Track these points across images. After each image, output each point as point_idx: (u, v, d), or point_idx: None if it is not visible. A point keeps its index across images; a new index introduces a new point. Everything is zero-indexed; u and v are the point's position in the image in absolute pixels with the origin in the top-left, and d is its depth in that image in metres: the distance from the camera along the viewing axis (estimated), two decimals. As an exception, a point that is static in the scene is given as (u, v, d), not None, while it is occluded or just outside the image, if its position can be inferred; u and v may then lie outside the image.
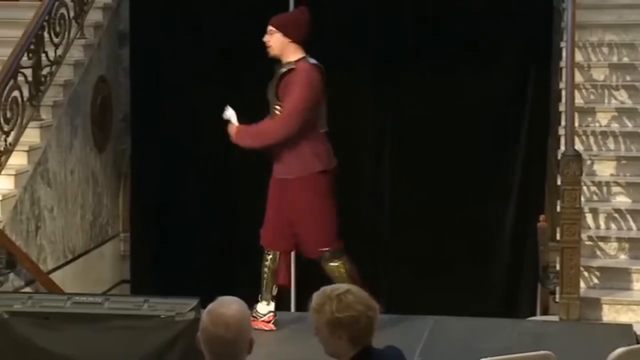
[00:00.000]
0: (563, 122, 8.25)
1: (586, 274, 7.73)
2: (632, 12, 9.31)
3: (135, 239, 9.83)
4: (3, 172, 7.89)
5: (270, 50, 6.79)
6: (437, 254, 9.29)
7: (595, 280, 7.78)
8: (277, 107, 6.74)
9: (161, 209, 9.73)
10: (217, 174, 9.62)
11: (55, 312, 4.98)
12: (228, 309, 3.25)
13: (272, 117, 6.79)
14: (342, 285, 3.63)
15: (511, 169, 9.35)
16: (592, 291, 7.68)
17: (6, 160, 7.90)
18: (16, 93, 8.07)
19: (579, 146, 8.17)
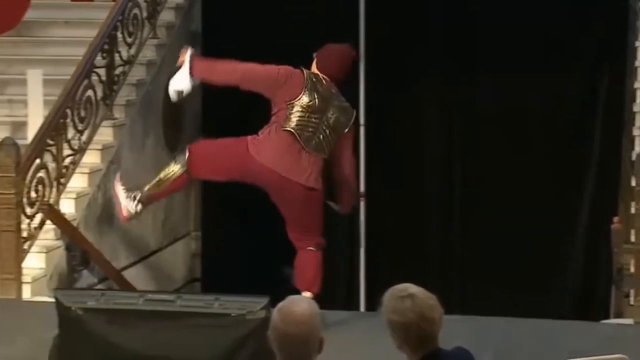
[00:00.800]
0: (638, 123, 8.16)
1: (662, 276, 7.64)
2: None
3: (206, 238, 9.92)
4: (77, 171, 8.02)
5: None
6: (510, 255, 9.25)
7: (671, 283, 7.68)
8: None
9: (232, 207, 9.80)
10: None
11: (128, 310, 5.03)
12: (298, 307, 3.28)
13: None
14: (410, 288, 3.56)
15: (585, 169, 9.27)
16: (668, 294, 7.58)
17: (80, 158, 8.03)
18: (90, 92, 8.20)
19: (654, 147, 8.08)
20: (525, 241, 9.21)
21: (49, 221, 7.69)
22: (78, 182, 8.10)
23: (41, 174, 7.60)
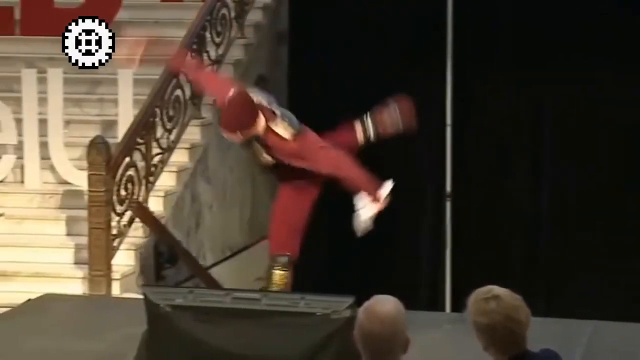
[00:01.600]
0: None
1: None
2: None
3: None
4: (165, 169, 8.11)
5: None
6: (598, 257, 9.12)
7: None
8: None
9: (318, 205, 9.81)
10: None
11: (214, 307, 5.08)
12: (384, 307, 3.29)
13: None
14: (494, 290, 3.54)
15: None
16: None
17: (168, 157, 8.12)
18: (178, 92, 8.28)
19: None
20: (612, 242, 9.07)
21: (137, 219, 7.80)
22: (166, 180, 8.20)
23: (130, 172, 7.70)
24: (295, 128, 6.30)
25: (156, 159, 8.01)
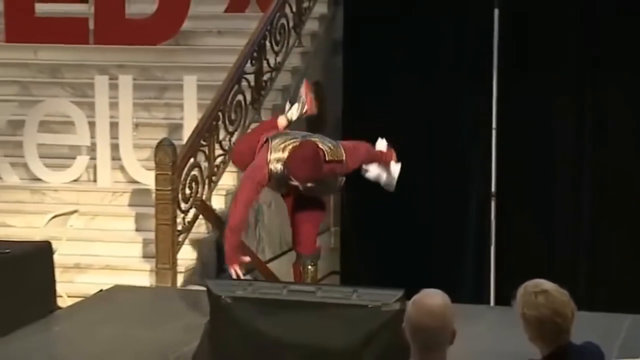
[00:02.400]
0: None
1: None
2: None
3: (344, 233, 9.95)
4: (227, 170, 8.16)
5: None
6: (637, 254, 9.01)
7: None
8: None
9: (369, 204, 9.80)
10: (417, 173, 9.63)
11: (272, 299, 5.09)
12: (432, 300, 3.27)
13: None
14: (543, 284, 3.51)
15: None
16: None
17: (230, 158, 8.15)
18: (240, 97, 8.33)
19: None
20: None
21: (201, 216, 7.85)
22: (228, 180, 8.24)
23: (195, 172, 7.76)
24: (339, 147, 6.41)
25: (219, 160, 8.06)
